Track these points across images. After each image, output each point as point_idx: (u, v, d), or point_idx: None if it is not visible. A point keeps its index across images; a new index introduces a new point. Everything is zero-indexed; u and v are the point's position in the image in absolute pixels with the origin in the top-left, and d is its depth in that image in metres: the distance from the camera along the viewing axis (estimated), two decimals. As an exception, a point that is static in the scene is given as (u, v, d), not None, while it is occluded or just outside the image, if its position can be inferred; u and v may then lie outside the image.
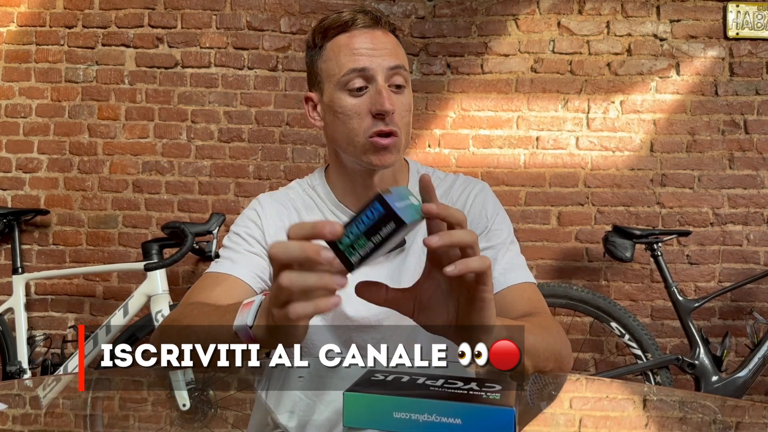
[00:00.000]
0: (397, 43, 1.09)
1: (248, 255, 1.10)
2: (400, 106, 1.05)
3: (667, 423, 0.91)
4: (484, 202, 1.14)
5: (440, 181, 1.19)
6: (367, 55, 1.03)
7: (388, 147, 1.04)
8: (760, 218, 2.86)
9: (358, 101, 1.04)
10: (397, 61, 1.05)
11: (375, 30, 1.06)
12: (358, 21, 1.05)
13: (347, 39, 1.05)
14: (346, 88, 1.04)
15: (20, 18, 2.93)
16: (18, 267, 2.73)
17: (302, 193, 1.19)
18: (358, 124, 1.04)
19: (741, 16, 2.86)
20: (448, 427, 0.55)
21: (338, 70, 1.04)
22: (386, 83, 1.04)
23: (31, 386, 1.13)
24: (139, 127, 2.92)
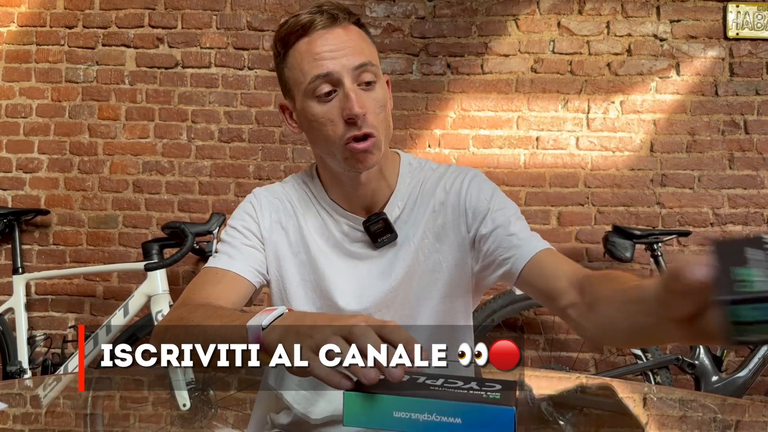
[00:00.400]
0: (360, 37, 1.05)
1: (246, 249, 1.11)
2: (372, 103, 1.02)
3: (667, 421, 0.91)
4: (479, 187, 1.12)
5: (432, 171, 1.18)
6: (330, 58, 0.99)
7: (367, 150, 1.01)
8: (760, 218, 2.86)
9: (328, 107, 1.01)
10: (362, 59, 1.00)
11: (334, 29, 1.01)
12: (316, 23, 1.01)
13: (307, 45, 1.01)
14: (314, 95, 1.01)
15: (20, 18, 2.93)
16: (18, 267, 2.73)
17: (297, 188, 1.19)
18: (333, 130, 1.01)
19: (741, 17, 2.86)
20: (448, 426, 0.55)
21: (303, 78, 1.01)
22: (355, 83, 1.00)
23: (32, 386, 1.13)
24: (139, 127, 2.92)
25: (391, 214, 1.11)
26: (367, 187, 1.10)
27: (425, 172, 1.18)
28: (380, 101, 1.03)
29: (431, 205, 1.12)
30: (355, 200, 1.11)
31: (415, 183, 1.15)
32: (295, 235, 1.13)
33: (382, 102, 1.04)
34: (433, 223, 1.11)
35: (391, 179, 1.14)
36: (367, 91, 1.01)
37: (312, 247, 1.12)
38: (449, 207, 1.11)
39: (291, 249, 1.13)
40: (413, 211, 1.13)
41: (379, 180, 1.11)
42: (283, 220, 1.14)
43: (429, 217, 1.12)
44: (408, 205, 1.13)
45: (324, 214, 1.14)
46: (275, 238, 1.13)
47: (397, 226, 1.11)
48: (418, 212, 1.12)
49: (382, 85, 1.05)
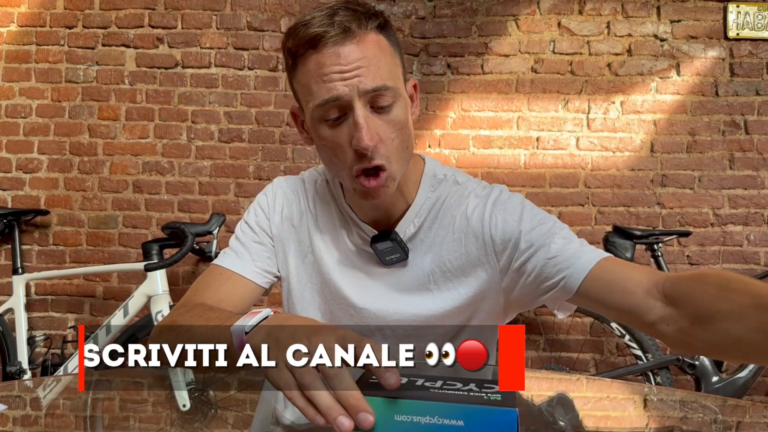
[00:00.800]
0: (379, 49, 0.92)
1: (255, 247, 1.09)
2: (386, 128, 0.92)
3: (667, 422, 0.90)
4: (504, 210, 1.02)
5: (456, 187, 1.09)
6: (340, 80, 0.88)
7: (378, 186, 0.93)
8: (761, 219, 2.86)
9: (337, 132, 0.92)
10: (376, 82, 0.89)
11: (346, 44, 0.89)
12: (327, 37, 0.88)
13: (316, 62, 0.90)
14: (323, 119, 0.92)
15: (20, 18, 2.93)
16: (18, 267, 2.73)
17: (320, 185, 1.13)
18: (342, 158, 0.93)
19: (741, 17, 2.86)
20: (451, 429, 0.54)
21: (312, 99, 0.92)
22: (367, 107, 0.90)
23: (32, 387, 1.13)
24: (139, 127, 2.92)
25: (404, 232, 1.04)
26: (383, 202, 1.01)
27: (448, 186, 1.08)
28: (398, 124, 0.93)
29: (451, 230, 1.04)
30: (370, 213, 1.05)
31: (436, 198, 1.06)
32: (305, 235, 1.11)
33: (399, 125, 0.93)
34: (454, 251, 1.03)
35: (410, 192, 1.06)
36: (382, 115, 0.92)
37: (319, 249, 1.09)
38: (471, 235, 1.02)
39: (300, 249, 1.11)
40: (431, 231, 1.05)
41: (396, 196, 1.03)
42: (296, 218, 1.11)
43: (449, 242, 1.03)
44: (426, 224, 1.05)
45: (339, 217, 1.10)
46: (284, 236, 1.11)
47: (411, 245, 1.04)
48: (437, 234, 1.05)
49: (402, 103, 0.94)
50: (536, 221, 1.00)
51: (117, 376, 1.21)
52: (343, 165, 0.93)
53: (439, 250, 1.03)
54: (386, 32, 0.95)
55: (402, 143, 0.95)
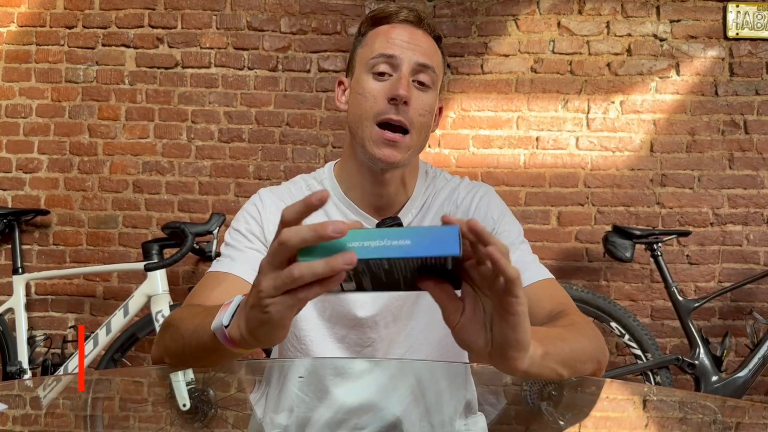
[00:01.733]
0: (434, 47, 1.10)
1: (248, 252, 1.10)
2: (419, 102, 1.05)
3: (667, 423, 0.91)
4: (488, 205, 1.14)
5: (446, 182, 1.20)
6: (400, 46, 1.04)
7: (395, 143, 1.03)
8: (760, 218, 2.86)
9: (379, 85, 1.05)
10: (427, 60, 1.05)
11: (416, 28, 1.07)
12: (402, 14, 1.07)
13: (387, 28, 1.07)
14: (372, 71, 1.05)
15: (20, 18, 2.93)
16: (18, 267, 2.73)
17: (305, 189, 1.18)
18: (371, 106, 1.04)
19: (741, 17, 2.86)
20: (398, 249, 0.57)
21: (370, 52, 1.06)
22: (411, 76, 1.04)
23: (32, 386, 1.13)
24: (139, 127, 2.93)
25: (404, 220, 1.12)
26: (388, 188, 1.11)
27: (439, 182, 1.19)
28: (427, 106, 1.07)
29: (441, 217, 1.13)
30: (373, 199, 1.13)
31: (429, 193, 1.17)
32: None
33: (428, 108, 1.07)
34: None
35: (409, 186, 1.15)
36: (419, 90, 1.06)
37: None
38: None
39: None
40: (423, 221, 1.14)
41: (399, 185, 1.12)
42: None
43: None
44: (420, 215, 1.15)
45: (334, 213, 1.13)
46: None
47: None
48: (428, 222, 1.14)
49: (435, 96, 1.09)
50: (509, 227, 1.13)
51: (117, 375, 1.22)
52: (370, 113, 1.04)
53: None
54: (441, 50, 1.13)
55: (424, 124, 1.07)
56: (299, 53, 2.93)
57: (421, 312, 1.13)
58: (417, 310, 1.13)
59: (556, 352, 0.75)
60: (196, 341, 0.82)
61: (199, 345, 0.81)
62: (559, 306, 1.00)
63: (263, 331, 0.66)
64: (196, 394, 1.05)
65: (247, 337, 0.68)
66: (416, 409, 1.06)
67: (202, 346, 0.80)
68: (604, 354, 0.92)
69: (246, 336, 0.68)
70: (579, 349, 0.85)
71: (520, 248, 1.10)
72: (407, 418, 1.05)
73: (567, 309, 1.00)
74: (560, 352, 0.77)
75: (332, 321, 1.13)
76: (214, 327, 0.73)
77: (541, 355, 0.71)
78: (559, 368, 0.77)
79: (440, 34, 1.13)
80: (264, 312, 0.62)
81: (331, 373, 1.14)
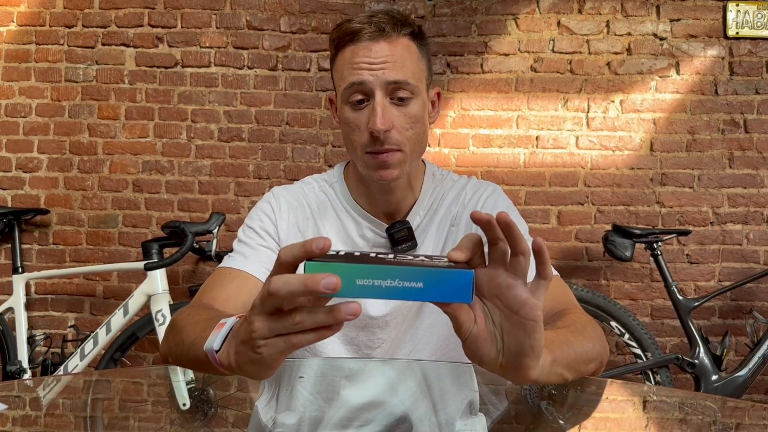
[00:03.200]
0: (406, 49, 1.05)
1: (261, 249, 1.11)
2: (402, 120, 1.04)
3: (667, 424, 0.91)
4: (495, 203, 1.15)
5: (453, 183, 1.21)
6: (367, 69, 1.02)
7: (386, 163, 1.04)
8: (760, 217, 2.86)
9: (358, 115, 1.04)
10: (398, 76, 1.02)
11: (379, 41, 1.03)
12: (363, 33, 1.03)
13: (351, 53, 1.04)
14: (348, 101, 1.05)
15: (20, 17, 2.93)
16: (18, 266, 2.73)
17: (318, 191, 1.19)
18: (358, 138, 1.05)
19: (741, 16, 2.86)
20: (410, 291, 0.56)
21: (342, 83, 1.05)
22: (386, 97, 1.03)
23: (32, 386, 1.13)
24: (139, 126, 2.92)
25: (412, 223, 1.13)
26: (395, 195, 1.12)
27: (446, 183, 1.20)
28: (411, 118, 1.05)
29: (449, 218, 1.15)
30: (380, 206, 1.14)
31: (437, 194, 1.18)
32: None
33: (415, 119, 1.05)
34: (452, 237, 1.14)
35: (416, 188, 1.17)
36: (399, 107, 1.04)
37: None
38: (464, 221, 1.14)
39: None
40: (432, 222, 1.15)
41: (406, 189, 1.14)
42: (301, 223, 1.15)
43: (447, 229, 1.14)
44: (428, 216, 1.16)
45: (345, 217, 1.15)
46: (292, 240, 1.13)
47: (417, 233, 1.14)
48: (437, 224, 1.15)
49: (420, 101, 1.07)
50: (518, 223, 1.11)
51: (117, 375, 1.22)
52: (357, 144, 1.05)
53: (440, 237, 1.14)
54: (418, 40, 1.08)
55: (416, 136, 1.06)
56: (299, 52, 2.93)
57: (427, 311, 1.14)
58: (424, 310, 1.14)
59: (562, 357, 0.75)
60: (194, 353, 0.81)
61: (196, 358, 0.80)
62: (562, 304, 1.01)
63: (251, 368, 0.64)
64: (196, 394, 1.05)
65: (235, 368, 0.66)
66: (422, 406, 1.07)
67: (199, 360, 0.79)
68: (605, 353, 0.92)
69: (234, 367, 0.66)
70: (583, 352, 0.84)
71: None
72: (414, 414, 1.05)
73: (570, 307, 1.00)
74: (566, 356, 0.77)
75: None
76: (206, 348, 0.71)
77: (550, 362, 0.70)
78: (565, 372, 0.77)
79: (414, 28, 1.08)
80: (255, 352, 0.60)
81: (338, 374, 1.14)
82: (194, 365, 0.86)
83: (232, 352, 0.65)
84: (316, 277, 0.54)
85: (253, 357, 0.61)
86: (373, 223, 1.14)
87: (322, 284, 0.53)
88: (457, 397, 1.12)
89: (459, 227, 1.14)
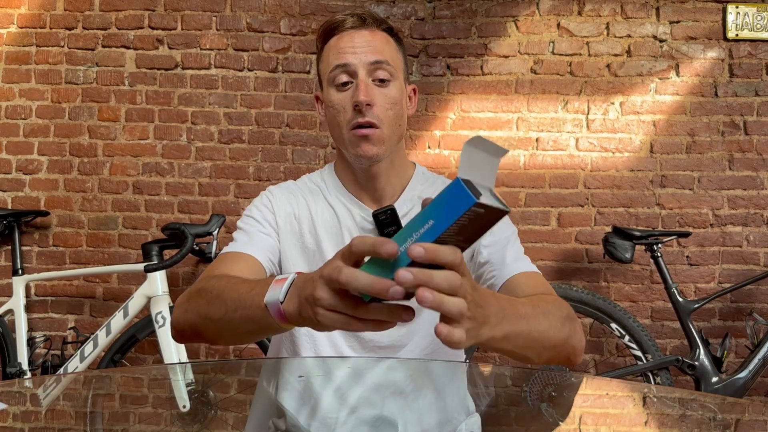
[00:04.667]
0: (385, 40, 1.16)
1: (261, 236, 1.16)
2: (382, 98, 1.11)
3: (666, 421, 0.91)
4: None
5: (443, 184, 1.23)
6: (350, 53, 1.11)
7: (368, 137, 1.10)
8: (760, 219, 2.86)
9: (343, 95, 1.12)
10: (378, 57, 1.11)
11: (361, 30, 1.14)
12: (347, 23, 1.14)
13: (336, 40, 1.15)
14: (334, 83, 1.13)
15: (20, 19, 2.93)
16: (18, 268, 2.73)
17: (309, 183, 1.26)
18: (343, 117, 1.12)
19: (740, 18, 2.87)
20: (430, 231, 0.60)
21: (327, 68, 1.14)
22: (369, 77, 1.11)
23: (31, 386, 1.13)
24: (139, 128, 2.93)
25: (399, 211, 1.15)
26: (379, 180, 1.17)
27: (437, 183, 1.24)
28: (391, 99, 1.12)
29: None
30: (368, 192, 1.19)
31: (426, 187, 1.22)
32: (308, 226, 1.19)
33: (394, 100, 1.13)
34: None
35: (404, 180, 1.22)
36: (380, 87, 1.12)
37: (322, 239, 1.17)
38: None
39: (303, 240, 1.18)
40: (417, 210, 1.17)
41: (390, 174, 1.19)
42: (297, 212, 1.20)
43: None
44: (415, 207, 1.19)
45: (336, 204, 1.20)
46: (289, 228, 1.19)
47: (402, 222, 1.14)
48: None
49: (399, 86, 1.15)
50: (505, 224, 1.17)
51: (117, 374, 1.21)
52: (342, 123, 1.12)
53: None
54: (394, 36, 1.19)
55: (395, 116, 1.13)
56: (299, 54, 2.93)
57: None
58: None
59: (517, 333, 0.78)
60: (242, 311, 0.85)
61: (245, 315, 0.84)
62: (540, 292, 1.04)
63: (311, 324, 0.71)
64: (195, 395, 1.05)
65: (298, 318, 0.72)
66: (420, 405, 1.07)
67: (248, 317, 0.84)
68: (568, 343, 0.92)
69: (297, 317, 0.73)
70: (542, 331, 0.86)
71: (514, 243, 1.16)
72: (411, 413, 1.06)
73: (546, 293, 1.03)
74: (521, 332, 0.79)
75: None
76: (267, 300, 0.77)
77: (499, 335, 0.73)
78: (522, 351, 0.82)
79: (390, 25, 1.19)
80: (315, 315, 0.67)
81: (337, 365, 1.15)
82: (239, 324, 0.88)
83: (295, 304, 0.72)
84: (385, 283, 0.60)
85: (312, 317, 0.68)
86: (361, 209, 1.19)
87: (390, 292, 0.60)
88: (455, 396, 1.12)
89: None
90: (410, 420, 1.05)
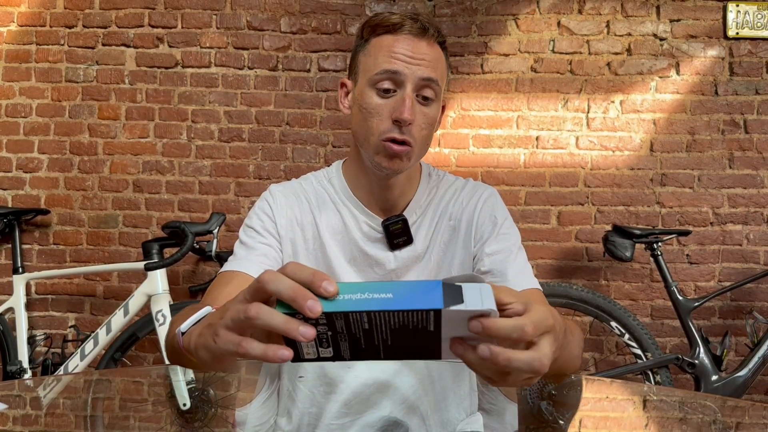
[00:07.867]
0: (439, 57, 1.09)
1: (262, 248, 1.12)
2: (422, 118, 1.07)
3: (667, 423, 0.91)
4: (493, 207, 1.17)
5: (450, 184, 1.23)
6: (404, 61, 1.04)
7: (400, 154, 1.06)
8: (760, 218, 2.86)
9: (383, 102, 1.06)
10: (431, 74, 1.05)
11: (420, 40, 1.06)
12: (406, 26, 1.06)
13: (391, 40, 1.06)
14: (376, 86, 1.06)
15: (21, 18, 2.93)
16: (18, 267, 2.73)
17: (316, 185, 1.21)
18: (377, 124, 1.06)
19: (741, 16, 2.86)
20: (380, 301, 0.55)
21: (374, 67, 1.07)
22: (414, 93, 1.05)
23: (32, 386, 1.13)
24: (139, 126, 2.93)
25: (409, 219, 1.15)
26: (393, 191, 1.15)
27: (443, 184, 1.23)
28: (429, 120, 1.09)
29: (446, 218, 1.17)
30: (379, 201, 1.16)
31: (433, 194, 1.20)
32: (312, 232, 1.16)
33: (431, 121, 1.09)
34: (447, 236, 1.16)
35: (413, 187, 1.19)
36: (422, 105, 1.07)
37: (327, 245, 1.15)
38: (463, 222, 1.16)
39: (306, 246, 1.16)
40: (427, 220, 1.18)
41: (405, 186, 1.16)
42: (299, 217, 1.17)
43: (443, 229, 1.17)
44: (424, 214, 1.18)
45: (344, 211, 1.17)
46: (291, 235, 1.16)
47: (413, 229, 1.16)
48: (432, 222, 1.17)
49: (437, 106, 1.10)
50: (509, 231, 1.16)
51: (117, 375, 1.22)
52: (375, 130, 1.06)
53: (436, 235, 1.17)
54: (445, 52, 1.13)
55: (426, 137, 1.10)
56: (299, 53, 2.93)
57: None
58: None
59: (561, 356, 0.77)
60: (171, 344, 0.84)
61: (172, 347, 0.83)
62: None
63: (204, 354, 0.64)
64: (196, 394, 1.05)
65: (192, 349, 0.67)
66: (422, 405, 1.08)
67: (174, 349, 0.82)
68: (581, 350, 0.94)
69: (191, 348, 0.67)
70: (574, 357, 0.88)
71: (519, 254, 1.13)
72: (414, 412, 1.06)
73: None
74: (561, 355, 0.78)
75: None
76: (177, 330, 0.74)
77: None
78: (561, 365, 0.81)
79: (444, 38, 1.13)
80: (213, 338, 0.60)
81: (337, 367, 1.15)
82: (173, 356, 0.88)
83: (195, 334, 0.68)
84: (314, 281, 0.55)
85: (209, 343, 0.61)
86: (370, 218, 1.16)
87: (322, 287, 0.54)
88: (456, 396, 1.12)
89: (458, 228, 1.16)
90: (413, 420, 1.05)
